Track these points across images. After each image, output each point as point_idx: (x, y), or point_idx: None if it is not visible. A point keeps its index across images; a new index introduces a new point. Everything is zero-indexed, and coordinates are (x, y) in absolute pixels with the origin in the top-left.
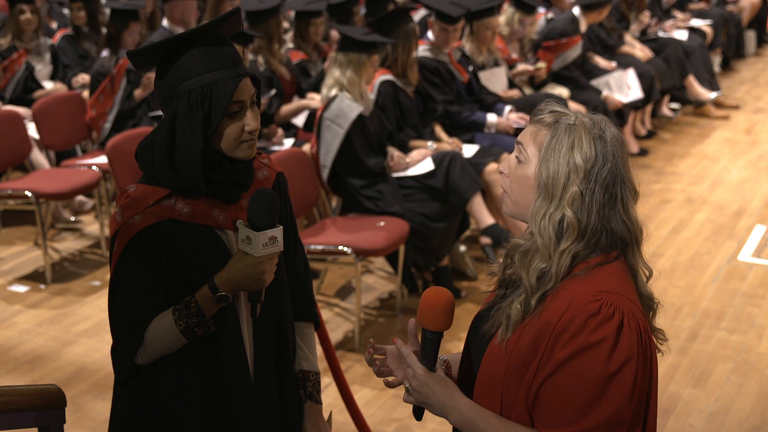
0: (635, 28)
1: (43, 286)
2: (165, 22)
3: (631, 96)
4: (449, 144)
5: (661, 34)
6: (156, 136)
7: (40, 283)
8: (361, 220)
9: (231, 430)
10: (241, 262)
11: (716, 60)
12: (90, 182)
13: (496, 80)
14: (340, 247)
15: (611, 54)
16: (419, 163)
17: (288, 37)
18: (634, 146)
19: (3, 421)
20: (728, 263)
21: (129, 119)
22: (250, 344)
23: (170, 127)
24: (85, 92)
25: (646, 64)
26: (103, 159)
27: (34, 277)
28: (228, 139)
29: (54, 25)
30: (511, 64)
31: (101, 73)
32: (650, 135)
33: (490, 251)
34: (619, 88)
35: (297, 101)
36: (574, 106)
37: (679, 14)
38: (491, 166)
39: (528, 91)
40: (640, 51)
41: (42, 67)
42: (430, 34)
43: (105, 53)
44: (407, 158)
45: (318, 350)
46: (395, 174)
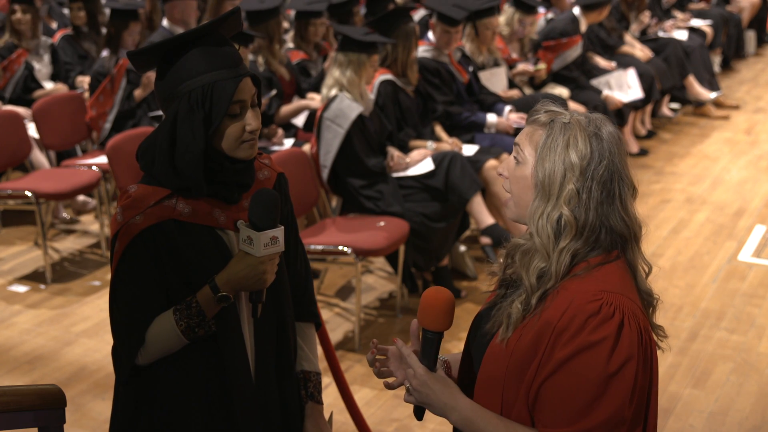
0: (635, 28)
1: (43, 286)
2: (165, 22)
3: (631, 96)
4: (449, 144)
5: (661, 34)
6: (157, 137)
7: (40, 283)
8: (361, 220)
9: (232, 431)
10: (242, 262)
11: (716, 60)
12: (90, 182)
13: (496, 80)
14: (340, 247)
15: (611, 54)
16: (419, 163)
17: (288, 37)
18: (634, 146)
19: (3, 421)
20: (728, 263)
21: (129, 119)
22: (251, 344)
23: (171, 128)
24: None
25: (646, 64)
26: (103, 159)
27: (34, 277)
28: (229, 139)
29: (54, 25)
30: (511, 64)
31: (101, 73)
32: (650, 135)
33: (490, 251)
34: (619, 87)
35: (297, 101)
36: (574, 106)
37: (679, 14)
38: (490, 163)
39: (528, 91)
40: (640, 51)
41: (42, 66)
42: (431, 35)
43: (105, 53)
44: (407, 158)
45: (318, 350)
46: (395, 174)
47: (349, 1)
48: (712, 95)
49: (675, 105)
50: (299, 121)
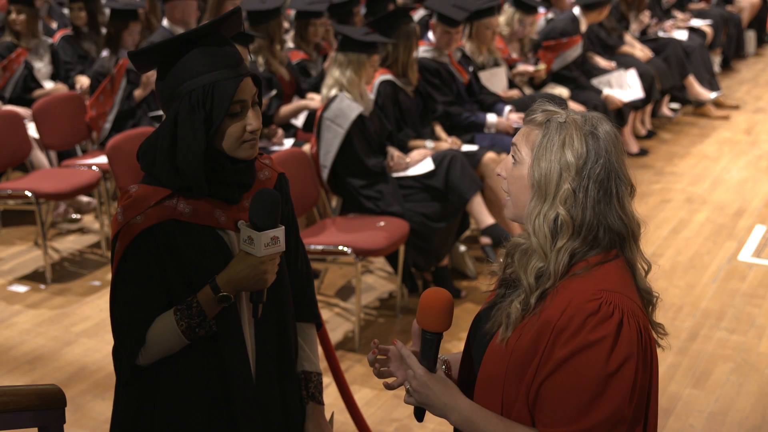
0: (635, 28)
1: (43, 286)
2: (165, 22)
3: (631, 96)
4: (448, 143)
5: (661, 34)
6: (158, 137)
7: (40, 283)
8: (361, 220)
9: (232, 431)
10: (243, 262)
11: (716, 60)
12: (90, 182)
13: (496, 80)
14: (340, 247)
15: (611, 54)
16: (419, 163)
17: (288, 37)
18: (634, 146)
19: (3, 421)
20: (728, 263)
21: (129, 119)
22: (252, 345)
23: (172, 128)
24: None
25: (646, 64)
26: (103, 159)
27: (34, 277)
28: (230, 139)
29: (54, 25)
30: (511, 64)
31: (101, 73)
32: (650, 135)
33: (490, 251)
34: (619, 87)
35: (297, 101)
36: (574, 106)
37: (679, 14)
38: (488, 156)
39: (528, 91)
40: (640, 51)
41: (42, 66)
42: (431, 35)
43: (105, 53)
44: (407, 158)
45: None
46: (395, 174)
47: (350, 1)
48: (712, 95)
49: (675, 105)
50: (299, 121)
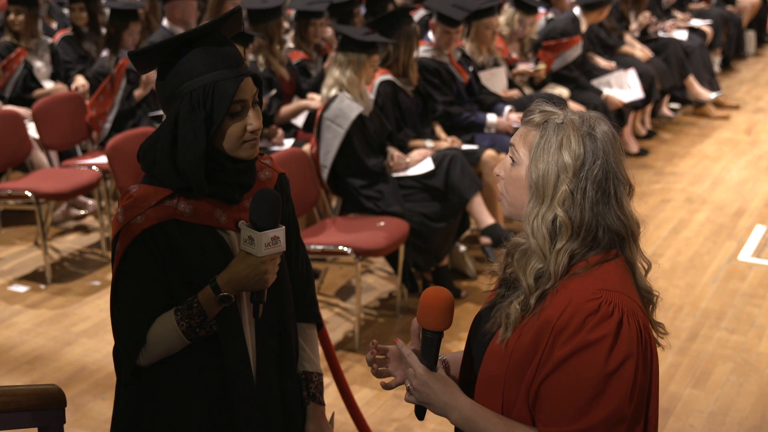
0: (635, 28)
1: (43, 286)
2: (165, 22)
3: (631, 96)
4: (447, 142)
5: (661, 34)
6: (158, 137)
7: (40, 283)
8: (361, 220)
9: (233, 431)
10: (244, 262)
11: (716, 60)
12: (90, 182)
13: (496, 80)
14: (340, 247)
15: (611, 54)
16: (419, 163)
17: (288, 37)
18: (634, 146)
19: (3, 421)
20: (728, 263)
21: (129, 119)
22: (252, 345)
23: (172, 128)
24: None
25: (646, 64)
26: (103, 159)
27: (34, 277)
28: (230, 139)
29: (54, 25)
30: (511, 64)
31: (101, 73)
32: (650, 135)
33: (490, 251)
34: (619, 87)
35: (297, 101)
36: (574, 107)
37: (679, 14)
38: (488, 153)
39: (528, 91)
40: (640, 51)
41: (42, 66)
42: (431, 35)
43: (105, 53)
44: (407, 158)
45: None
46: (395, 174)
47: (350, 1)
48: (712, 95)
49: (675, 105)
50: (299, 121)
